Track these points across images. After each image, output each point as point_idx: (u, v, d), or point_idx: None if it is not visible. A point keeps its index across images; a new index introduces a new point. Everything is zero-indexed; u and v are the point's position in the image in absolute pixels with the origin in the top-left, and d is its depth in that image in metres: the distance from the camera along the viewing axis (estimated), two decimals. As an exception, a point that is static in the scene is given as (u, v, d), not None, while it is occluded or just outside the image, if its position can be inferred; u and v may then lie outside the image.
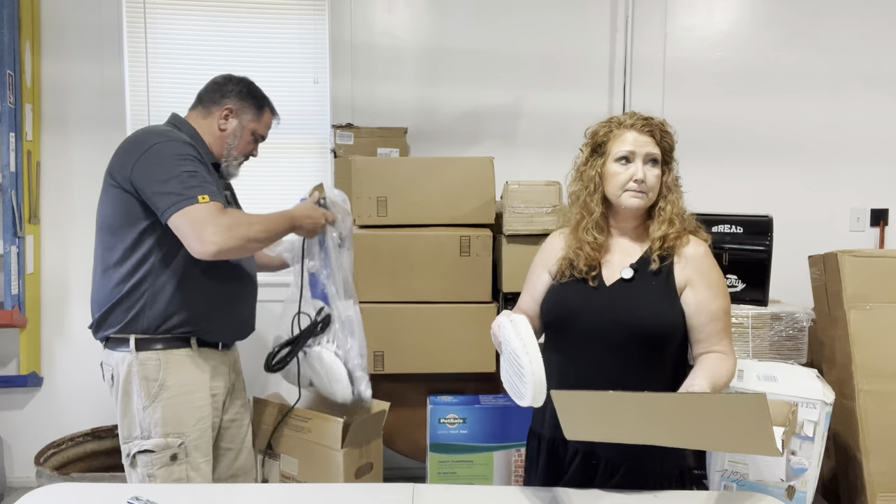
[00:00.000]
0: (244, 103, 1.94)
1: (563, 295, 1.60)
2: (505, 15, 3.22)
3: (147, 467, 1.79)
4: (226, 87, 1.95)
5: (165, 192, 1.69)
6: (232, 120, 1.93)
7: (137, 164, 1.74)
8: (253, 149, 2.00)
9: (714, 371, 1.46)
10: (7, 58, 2.88)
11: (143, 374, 1.79)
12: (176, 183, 1.69)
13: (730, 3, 3.28)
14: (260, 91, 2.00)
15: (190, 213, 1.67)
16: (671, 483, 1.56)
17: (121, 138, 3.09)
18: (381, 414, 2.14)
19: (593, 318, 1.54)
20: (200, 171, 1.75)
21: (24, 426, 3.21)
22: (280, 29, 3.21)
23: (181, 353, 1.82)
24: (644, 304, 1.52)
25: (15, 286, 2.96)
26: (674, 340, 1.53)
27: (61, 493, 1.53)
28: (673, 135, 1.60)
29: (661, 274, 1.54)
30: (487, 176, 2.51)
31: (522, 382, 1.31)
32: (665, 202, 1.57)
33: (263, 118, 1.99)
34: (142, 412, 1.80)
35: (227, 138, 1.93)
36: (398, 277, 2.43)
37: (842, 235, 3.32)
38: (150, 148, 1.75)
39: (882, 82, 3.29)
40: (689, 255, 1.55)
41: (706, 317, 1.52)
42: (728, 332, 1.56)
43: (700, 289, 1.53)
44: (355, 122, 3.14)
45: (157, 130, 1.85)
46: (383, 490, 1.58)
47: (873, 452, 2.13)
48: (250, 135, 1.96)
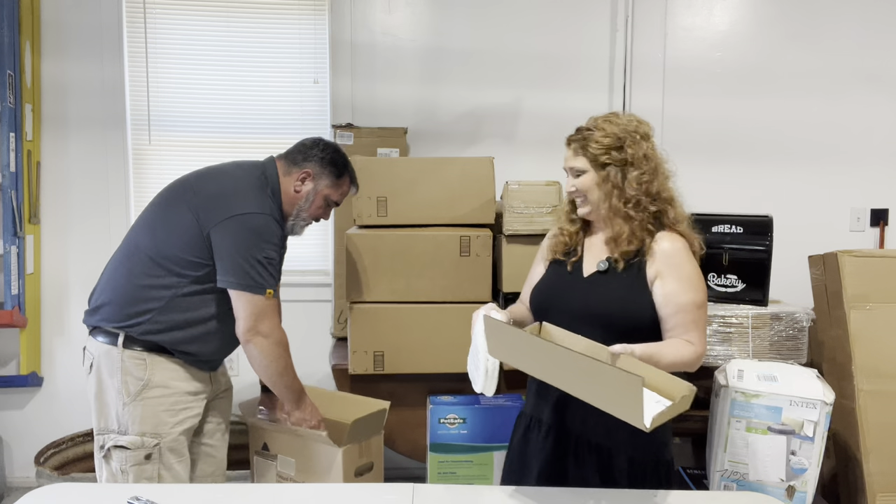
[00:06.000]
0: (324, 170, 1.97)
1: (545, 285, 1.74)
2: (505, 15, 3.22)
3: (121, 463, 1.81)
4: (311, 150, 1.98)
5: (240, 270, 1.80)
6: (308, 183, 1.96)
7: (223, 224, 1.81)
8: (324, 213, 2.04)
9: (663, 348, 1.51)
10: (7, 58, 2.88)
11: (126, 370, 1.81)
12: (254, 266, 1.80)
13: (730, 3, 3.28)
14: (343, 159, 2.03)
15: (254, 302, 1.82)
16: (645, 472, 1.61)
17: (121, 138, 3.16)
18: (381, 412, 2.13)
19: (568, 307, 1.65)
20: (276, 258, 1.87)
21: (24, 426, 3.21)
22: (280, 29, 3.21)
23: (166, 357, 1.85)
24: (613, 295, 1.61)
25: (15, 286, 2.96)
26: (642, 331, 1.57)
27: (61, 493, 1.53)
28: (601, 137, 1.63)
29: (633, 268, 1.61)
30: (487, 176, 2.51)
31: (478, 373, 1.57)
32: (608, 204, 1.64)
33: (341, 187, 2.03)
34: (121, 408, 1.81)
35: (299, 200, 1.96)
36: (398, 277, 2.43)
37: (842, 235, 3.31)
38: (243, 217, 1.81)
39: (882, 82, 3.28)
40: (661, 250, 1.60)
41: (673, 308, 1.57)
42: (698, 325, 1.57)
43: (669, 282, 1.58)
44: (355, 122, 3.14)
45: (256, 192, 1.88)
46: (383, 490, 1.58)
47: (873, 452, 2.13)
48: (322, 200, 2.00)
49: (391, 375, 2.47)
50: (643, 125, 1.67)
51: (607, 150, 1.62)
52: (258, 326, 1.83)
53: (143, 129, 3.19)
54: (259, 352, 1.85)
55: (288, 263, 3.24)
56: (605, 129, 1.64)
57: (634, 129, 1.64)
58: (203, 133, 3.19)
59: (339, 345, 2.89)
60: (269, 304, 1.84)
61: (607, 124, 1.64)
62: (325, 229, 3.27)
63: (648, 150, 1.64)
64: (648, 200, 1.62)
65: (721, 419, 1.96)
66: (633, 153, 1.62)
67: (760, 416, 1.90)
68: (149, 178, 3.21)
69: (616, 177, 1.62)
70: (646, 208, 1.62)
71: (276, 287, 1.87)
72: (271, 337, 1.86)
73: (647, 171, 1.62)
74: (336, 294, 3.01)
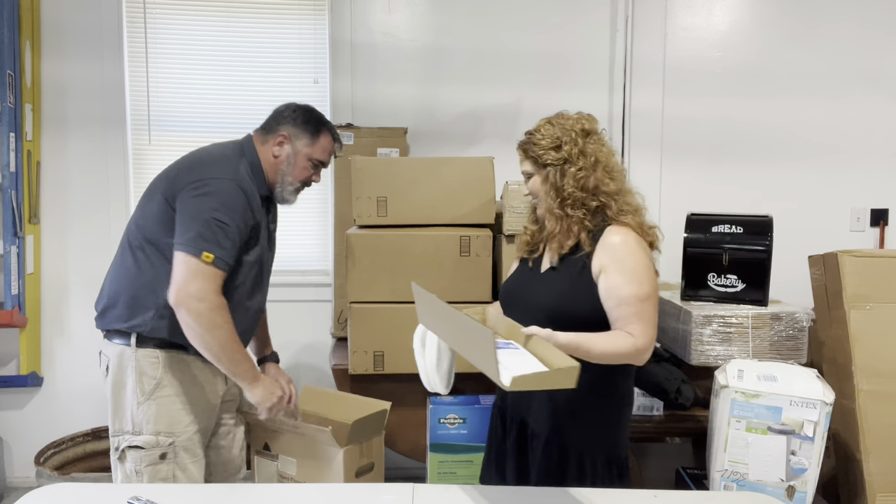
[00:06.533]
0: (299, 130, 1.93)
1: (509, 281, 1.83)
2: (505, 15, 3.22)
3: (135, 463, 1.80)
4: (283, 113, 1.95)
5: (182, 229, 1.73)
6: (286, 146, 1.92)
7: (183, 191, 1.76)
8: (312, 175, 1.98)
9: (594, 338, 1.52)
10: (7, 58, 2.88)
11: (140, 370, 1.80)
12: (198, 226, 1.72)
13: (730, 3, 3.28)
14: (318, 116, 1.98)
15: (187, 262, 1.71)
16: (596, 467, 1.65)
17: (121, 138, 3.16)
18: (382, 413, 2.13)
19: (523, 302, 1.72)
20: (230, 224, 1.75)
21: (24, 426, 3.21)
22: (280, 29, 3.21)
23: (180, 354, 1.83)
24: (556, 290, 1.65)
25: (15, 286, 2.96)
26: (589, 325, 1.58)
27: (61, 493, 1.53)
28: (540, 139, 1.68)
29: (579, 263, 1.64)
30: (487, 176, 2.51)
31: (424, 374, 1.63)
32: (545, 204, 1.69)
33: (319, 143, 1.95)
34: (136, 407, 1.80)
35: (280, 165, 1.92)
36: (398, 277, 2.43)
37: (842, 235, 3.31)
38: (201, 181, 1.77)
39: (882, 82, 3.29)
40: (606, 244, 1.62)
41: (615, 301, 1.58)
42: (641, 317, 1.56)
43: (612, 275, 1.59)
44: (355, 122, 3.14)
45: (224, 160, 1.85)
46: (383, 490, 1.58)
47: (873, 452, 2.13)
48: (306, 160, 1.94)
49: (391, 375, 2.47)
50: (585, 121, 1.69)
51: (547, 150, 1.67)
52: (188, 287, 1.70)
53: (143, 129, 3.19)
54: (190, 318, 1.71)
55: (288, 263, 3.29)
56: (545, 130, 1.69)
57: (571, 126, 1.67)
58: (203, 133, 3.19)
59: (339, 345, 2.89)
60: (205, 268, 1.70)
61: (548, 126, 1.69)
62: (325, 229, 3.28)
63: (587, 147, 1.66)
64: (586, 196, 1.64)
65: (721, 419, 1.96)
66: (570, 150, 1.65)
67: (760, 416, 1.90)
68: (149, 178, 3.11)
69: (555, 176, 1.66)
70: (584, 204, 1.64)
71: (221, 255, 1.73)
72: (205, 301, 1.70)
73: (585, 166, 1.64)
74: (336, 294, 3.01)
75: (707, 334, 2.31)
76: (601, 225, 1.65)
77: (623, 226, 1.63)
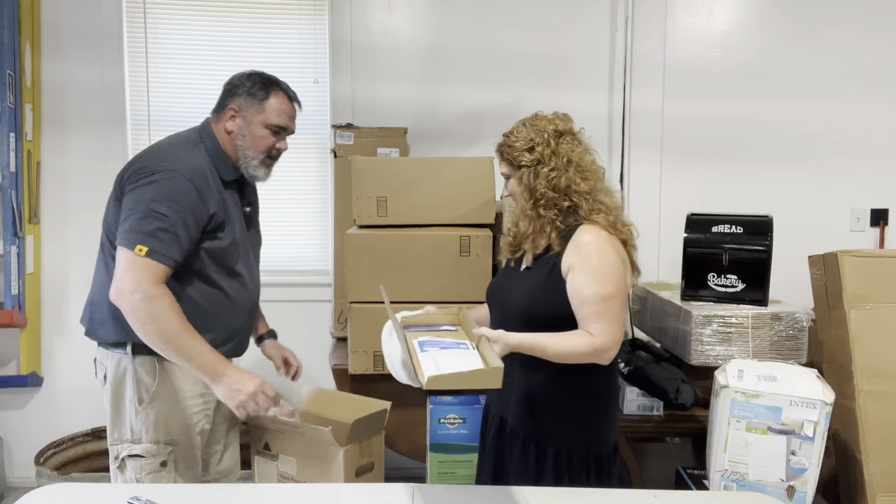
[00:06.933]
0: (246, 100, 1.84)
1: (493, 282, 1.88)
2: (505, 15, 3.22)
3: (136, 472, 1.78)
4: (228, 88, 1.89)
5: (124, 220, 1.68)
6: (237, 119, 1.84)
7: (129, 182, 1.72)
8: (274, 143, 1.87)
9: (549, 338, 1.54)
10: (7, 58, 2.88)
11: (137, 378, 1.78)
12: (135, 220, 1.66)
13: (730, 3, 3.28)
14: (265, 78, 1.88)
15: (120, 256, 1.67)
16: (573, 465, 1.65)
17: (121, 138, 3.16)
18: (382, 413, 2.13)
19: (500, 302, 1.75)
20: (172, 217, 1.67)
21: (24, 426, 3.21)
22: (280, 29, 3.21)
23: None
24: (526, 290, 1.68)
25: (15, 286, 2.96)
26: (558, 324, 1.59)
27: (61, 493, 1.53)
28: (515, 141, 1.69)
29: (549, 263, 1.65)
30: (487, 176, 2.51)
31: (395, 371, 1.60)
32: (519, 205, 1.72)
33: (269, 105, 1.84)
34: (134, 416, 1.78)
35: (235, 140, 1.85)
36: (398, 277, 2.43)
37: (842, 235, 3.31)
38: (147, 172, 1.71)
39: (882, 82, 3.28)
40: (575, 243, 1.63)
41: (578, 300, 1.59)
42: (603, 317, 1.55)
43: (577, 274, 1.60)
44: (355, 122, 3.14)
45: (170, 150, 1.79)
46: (383, 490, 1.58)
47: (873, 452, 2.13)
48: (261, 128, 1.84)
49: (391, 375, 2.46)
50: (559, 122, 1.70)
51: (521, 152, 1.67)
52: (120, 282, 1.64)
53: (143, 129, 3.19)
54: (128, 312, 1.64)
55: (288, 263, 3.30)
56: (519, 132, 1.70)
57: (544, 127, 1.67)
58: (203, 133, 3.19)
59: (339, 345, 2.89)
60: (138, 260, 1.63)
61: (522, 128, 1.70)
62: (325, 229, 3.28)
63: (560, 147, 1.66)
64: (557, 196, 1.64)
65: (721, 419, 1.96)
66: (542, 151, 1.66)
67: (760, 416, 1.90)
68: (149, 178, 3.20)
69: (528, 177, 1.67)
70: (556, 205, 1.65)
71: (157, 247, 1.65)
72: (138, 293, 1.62)
73: (557, 167, 1.65)
74: (336, 294, 3.01)
75: (707, 334, 2.31)
76: (573, 225, 1.65)
77: (593, 224, 1.63)
